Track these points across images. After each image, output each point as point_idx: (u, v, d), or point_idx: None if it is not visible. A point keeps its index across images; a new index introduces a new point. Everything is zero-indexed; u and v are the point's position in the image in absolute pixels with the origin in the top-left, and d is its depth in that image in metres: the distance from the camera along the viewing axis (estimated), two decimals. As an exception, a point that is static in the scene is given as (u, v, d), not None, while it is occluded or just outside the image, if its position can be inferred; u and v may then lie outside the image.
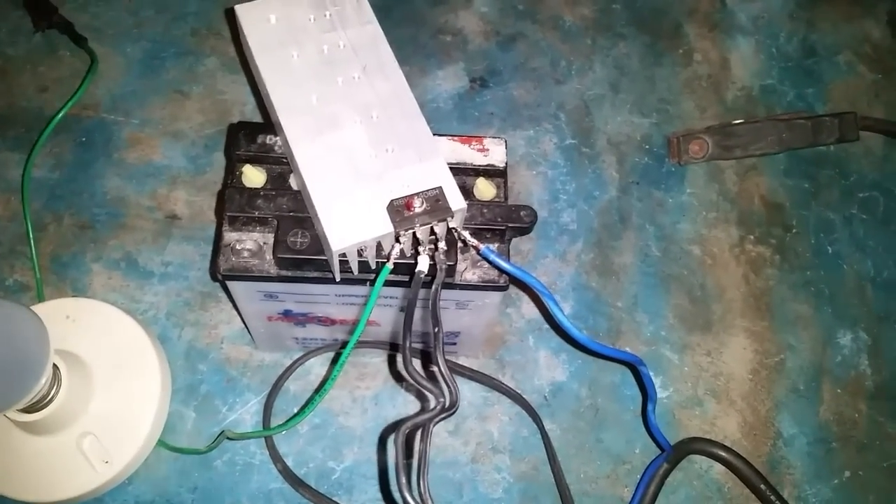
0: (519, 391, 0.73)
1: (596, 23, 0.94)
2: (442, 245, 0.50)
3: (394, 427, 0.69)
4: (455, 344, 0.71)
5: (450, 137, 0.59)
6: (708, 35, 0.95)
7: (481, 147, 0.59)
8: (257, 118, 0.83)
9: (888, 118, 0.92)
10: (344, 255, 0.50)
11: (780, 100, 0.92)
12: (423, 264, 0.49)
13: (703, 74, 0.92)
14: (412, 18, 0.92)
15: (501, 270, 0.53)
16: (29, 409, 0.60)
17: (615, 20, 0.95)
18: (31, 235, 0.74)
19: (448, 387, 0.43)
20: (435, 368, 0.44)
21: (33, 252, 0.73)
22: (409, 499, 0.38)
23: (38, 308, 0.67)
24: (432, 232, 0.50)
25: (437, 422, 0.42)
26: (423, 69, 0.89)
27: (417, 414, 0.41)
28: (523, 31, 0.93)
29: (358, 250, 0.50)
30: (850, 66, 0.96)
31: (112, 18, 0.88)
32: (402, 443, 0.39)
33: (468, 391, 0.73)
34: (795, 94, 0.93)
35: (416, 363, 0.69)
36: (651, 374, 0.74)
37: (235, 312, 0.73)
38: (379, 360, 0.73)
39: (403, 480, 0.39)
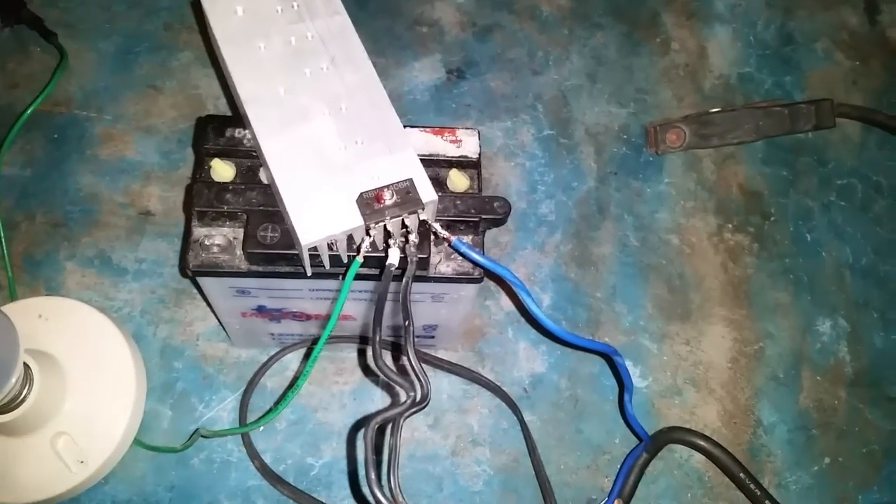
0: (498, 383, 0.73)
1: (573, 13, 0.94)
2: (413, 238, 0.50)
3: (363, 422, 0.69)
4: (433, 337, 0.70)
5: (422, 129, 0.58)
6: (685, 24, 0.95)
7: (454, 138, 0.58)
8: (231, 112, 0.82)
9: (865, 105, 0.92)
10: (314, 249, 0.49)
11: (758, 88, 0.92)
12: (394, 257, 0.49)
13: (680, 63, 0.92)
14: (388, 9, 0.91)
15: (473, 262, 0.52)
16: (1, 410, 0.59)
17: (592, 10, 0.94)
18: (2, 234, 0.73)
19: (419, 380, 0.43)
20: (405, 362, 0.43)
21: (5, 251, 0.72)
22: (378, 496, 0.38)
23: (10, 307, 0.67)
24: (403, 225, 0.50)
25: (408, 416, 0.41)
26: (398, 61, 0.88)
27: (388, 408, 0.40)
28: (500, 22, 0.92)
29: (328, 244, 0.50)
30: (827, 54, 0.96)
31: (83, 13, 0.86)
32: (372, 438, 0.39)
33: (447, 384, 0.73)
34: (773, 81, 0.93)
35: (387, 357, 0.68)
36: (630, 363, 0.75)
37: (210, 309, 0.72)
38: (356, 354, 0.73)
39: (373, 476, 0.39)
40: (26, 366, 0.60)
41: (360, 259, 0.48)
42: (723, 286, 0.80)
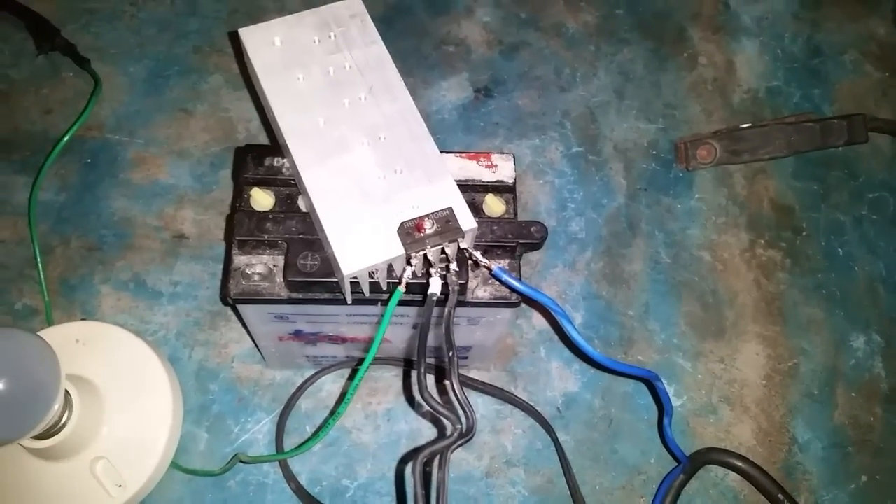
0: (532, 403, 0.72)
1: (599, 29, 0.94)
2: (454, 266, 0.50)
3: (411, 455, 0.69)
4: (466, 358, 0.70)
5: (457, 154, 0.58)
6: (712, 38, 0.95)
7: (489, 163, 0.58)
8: (262, 135, 0.82)
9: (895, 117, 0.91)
10: (355, 277, 0.50)
11: (787, 101, 0.92)
12: (436, 286, 0.49)
13: (708, 78, 0.92)
14: (414, 30, 0.91)
15: (515, 291, 0.52)
16: (42, 436, 0.59)
17: (618, 26, 0.94)
18: (38, 259, 0.74)
19: (465, 412, 0.43)
20: (450, 393, 0.43)
21: (41, 275, 0.73)
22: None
23: (48, 332, 0.67)
24: (443, 252, 0.50)
25: (455, 448, 0.41)
26: (426, 80, 0.88)
27: (434, 441, 0.40)
28: (526, 40, 0.92)
29: (369, 273, 0.50)
30: (856, 66, 0.95)
31: (114, 38, 0.87)
32: (421, 473, 0.39)
33: (480, 404, 0.73)
34: (802, 94, 0.92)
35: (431, 385, 0.68)
36: (664, 382, 0.74)
37: (245, 331, 0.73)
38: (391, 374, 0.73)
39: (423, 510, 0.39)
40: (66, 391, 0.60)
41: (402, 289, 0.49)
42: (756, 303, 0.80)
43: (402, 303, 0.51)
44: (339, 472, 0.69)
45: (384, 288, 0.53)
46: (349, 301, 0.53)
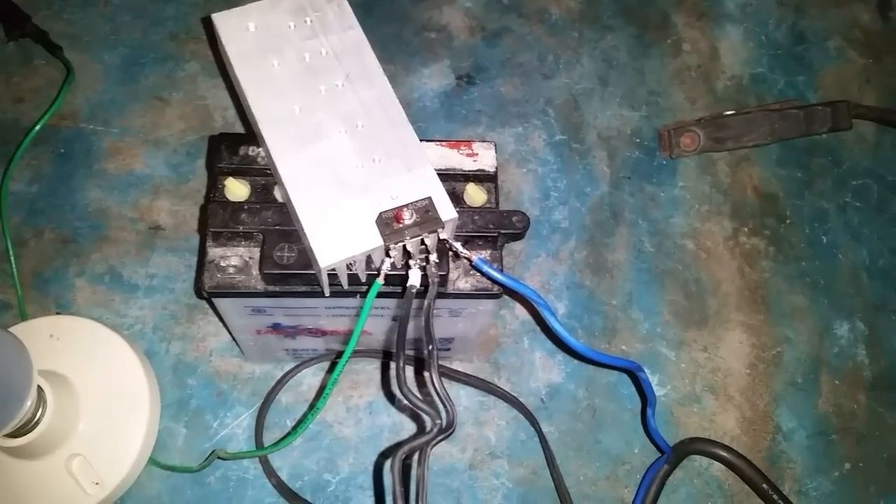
0: (515, 394, 0.72)
1: (582, 15, 0.93)
2: (433, 257, 0.49)
3: (390, 452, 0.68)
4: (449, 349, 0.70)
5: (438, 143, 0.57)
6: (696, 24, 0.94)
7: (470, 151, 0.57)
8: (239, 123, 0.81)
9: (880, 103, 0.91)
10: (333, 269, 0.49)
11: (771, 88, 0.91)
12: (415, 278, 0.48)
13: (692, 65, 0.91)
14: (395, 15, 0.90)
15: (496, 282, 0.51)
16: (15, 434, 0.58)
17: (602, 12, 0.93)
18: (11, 252, 0.72)
19: (445, 406, 0.42)
20: (430, 388, 0.42)
21: (14, 269, 0.72)
22: (408, 528, 0.37)
23: (21, 327, 0.66)
24: (423, 243, 0.49)
25: (435, 444, 0.41)
26: (407, 67, 0.87)
27: (414, 437, 0.40)
28: (509, 26, 0.91)
29: (347, 265, 0.49)
30: (840, 52, 0.95)
31: (88, 25, 0.85)
32: (399, 469, 0.38)
33: (463, 396, 0.72)
34: (786, 81, 0.92)
35: (412, 378, 0.67)
36: (648, 372, 0.74)
37: (224, 325, 0.71)
38: (372, 367, 0.72)
39: (402, 507, 0.38)
40: (39, 388, 0.59)
41: (380, 281, 0.48)
42: (739, 291, 0.79)
43: (381, 295, 0.50)
44: (320, 466, 0.68)
45: (363, 280, 0.52)
46: (327, 294, 0.52)
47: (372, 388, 0.71)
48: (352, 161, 0.50)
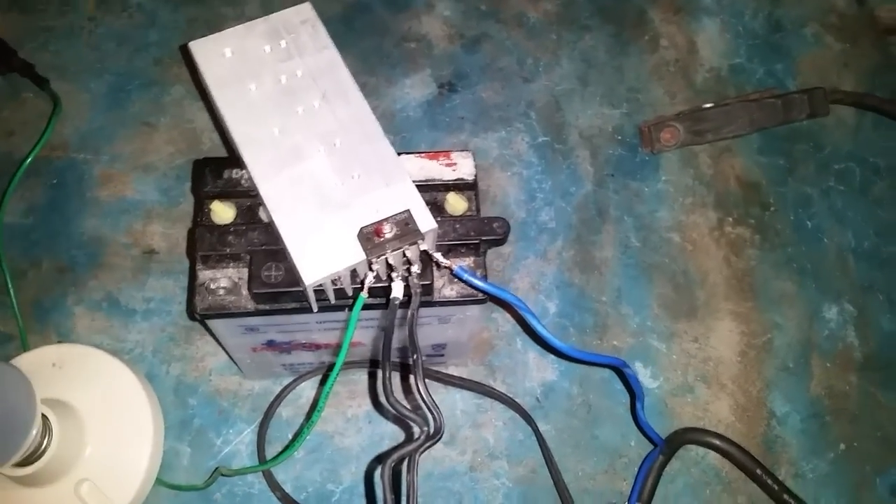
0: (511, 395, 0.73)
1: (560, 17, 0.94)
2: (415, 268, 0.50)
3: (379, 460, 0.69)
4: (443, 355, 0.71)
5: (416, 155, 0.58)
6: (673, 19, 0.95)
7: (449, 161, 0.59)
8: (226, 146, 0.82)
9: (858, 86, 0.92)
10: (319, 286, 0.50)
11: (750, 78, 0.92)
12: (398, 290, 0.49)
13: (670, 59, 0.92)
14: (375, 28, 0.91)
15: (477, 289, 0.53)
16: (23, 463, 0.59)
17: (579, 12, 0.94)
18: (9, 283, 0.73)
19: (431, 413, 0.43)
20: (416, 395, 0.44)
21: (14, 300, 0.73)
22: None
23: (23, 358, 0.67)
24: (405, 255, 0.50)
25: (423, 451, 0.42)
26: (389, 79, 0.88)
27: (402, 444, 0.41)
28: (487, 32, 0.92)
29: (332, 280, 0.50)
30: (817, 38, 0.96)
31: (73, 55, 0.87)
32: (389, 476, 0.39)
33: (460, 399, 0.73)
34: (765, 70, 0.93)
35: (398, 390, 0.69)
36: (640, 365, 0.76)
37: (220, 344, 0.73)
38: (368, 377, 0.73)
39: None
40: (44, 416, 0.60)
41: (364, 295, 0.49)
42: (727, 280, 0.80)
43: (368, 307, 0.51)
44: (323, 477, 0.70)
45: (349, 294, 0.53)
46: (315, 310, 0.53)
47: (369, 398, 0.73)
48: (331, 179, 0.51)
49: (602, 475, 0.71)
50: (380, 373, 0.45)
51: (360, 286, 0.51)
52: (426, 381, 0.44)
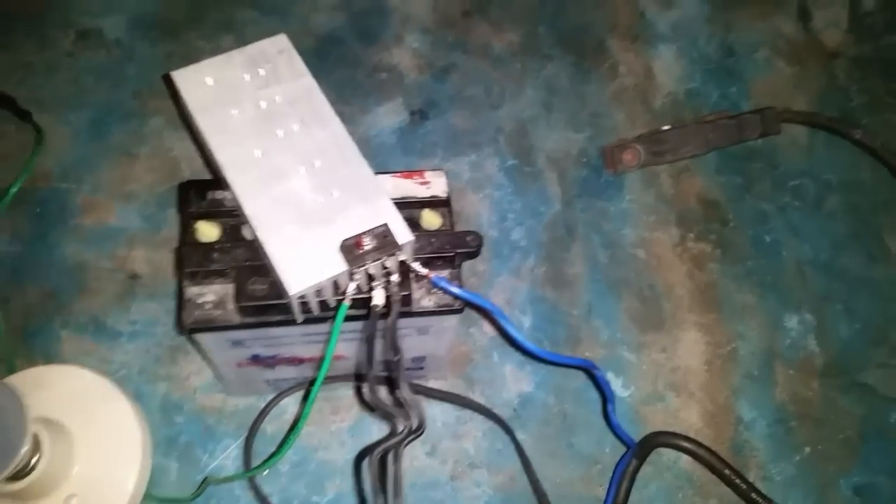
0: (489, 406, 0.76)
1: (523, 47, 0.98)
2: (395, 278, 0.53)
3: (366, 452, 0.72)
4: (422, 368, 0.73)
5: (392, 174, 0.62)
6: (630, 47, 1.00)
7: (423, 180, 0.62)
8: (206, 173, 0.85)
9: (809, 106, 0.97)
10: (303, 297, 0.53)
11: (706, 101, 0.97)
12: (379, 298, 0.52)
13: (629, 85, 0.97)
14: (347, 60, 0.95)
15: (453, 296, 0.56)
16: (12, 479, 0.61)
17: (541, 43, 0.99)
18: (-4, 311, 0.75)
19: (413, 410, 0.46)
20: (399, 394, 0.46)
21: (1, 326, 0.74)
22: (385, 520, 0.41)
23: (11, 379, 0.68)
24: (384, 267, 0.53)
25: (407, 444, 0.44)
26: (363, 107, 0.92)
27: (387, 438, 0.43)
28: (455, 62, 0.96)
29: (315, 291, 0.53)
30: (768, 62, 1.01)
31: (53, 89, 0.89)
32: (376, 466, 0.42)
33: (440, 412, 0.76)
34: (719, 94, 0.98)
35: (382, 390, 0.71)
36: (612, 375, 0.78)
37: (205, 363, 0.75)
38: (351, 392, 0.75)
39: (381, 502, 0.42)
40: (34, 434, 0.62)
41: (347, 303, 0.52)
42: (691, 293, 0.84)
43: (350, 318, 0.54)
44: (308, 489, 0.71)
45: (332, 305, 0.55)
46: (299, 320, 0.56)
47: (353, 413, 0.75)
48: (312, 197, 0.54)
49: (578, 481, 0.74)
50: (365, 374, 0.47)
51: (342, 297, 0.53)
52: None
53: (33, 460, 0.61)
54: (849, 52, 1.02)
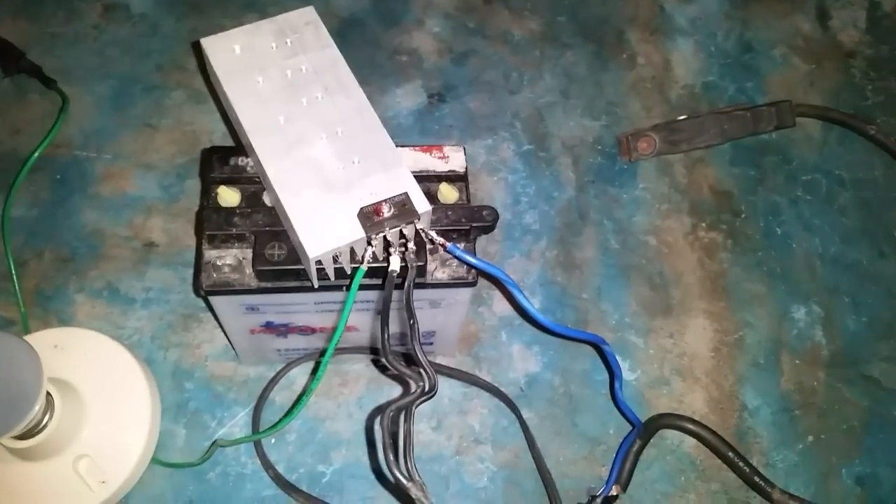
0: (496, 384, 0.76)
1: (543, 35, 0.99)
2: (411, 245, 0.54)
3: (379, 410, 0.73)
4: (432, 343, 0.74)
5: (412, 148, 0.63)
6: (649, 39, 1.00)
7: (442, 154, 0.63)
8: (225, 144, 0.86)
9: (825, 104, 0.97)
10: (320, 262, 0.53)
11: (722, 95, 0.97)
12: (395, 263, 0.53)
13: (647, 76, 0.97)
14: (368, 42, 0.96)
15: (467, 264, 0.56)
16: (24, 436, 0.62)
17: (561, 32, 0.99)
18: (13, 272, 0.76)
19: (426, 372, 0.47)
20: (413, 356, 0.47)
21: (17, 287, 0.76)
22: (397, 474, 0.42)
23: (26, 339, 0.70)
24: (402, 235, 0.54)
25: (419, 403, 0.45)
26: (382, 88, 0.93)
27: (401, 397, 0.44)
28: (475, 48, 0.97)
29: (333, 257, 0.54)
30: (785, 59, 1.01)
31: (78, 60, 0.91)
32: (388, 424, 0.43)
33: (448, 388, 0.77)
34: (736, 88, 0.98)
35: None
36: (619, 358, 0.78)
37: (218, 331, 0.76)
38: (360, 366, 0.76)
39: (392, 458, 0.42)
40: (47, 393, 0.63)
41: (364, 267, 0.52)
42: (701, 281, 0.85)
43: (365, 286, 0.54)
44: (314, 458, 0.72)
45: (348, 272, 0.56)
46: (316, 286, 0.57)
47: (360, 386, 0.76)
48: (333, 163, 0.55)
49: (582, 461, 0.75)
50: (380, 335, 0.48)
51: (358, 265, 0.54)
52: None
53: (45, 419, 0.62)
54: (866, 52, 1.03)
